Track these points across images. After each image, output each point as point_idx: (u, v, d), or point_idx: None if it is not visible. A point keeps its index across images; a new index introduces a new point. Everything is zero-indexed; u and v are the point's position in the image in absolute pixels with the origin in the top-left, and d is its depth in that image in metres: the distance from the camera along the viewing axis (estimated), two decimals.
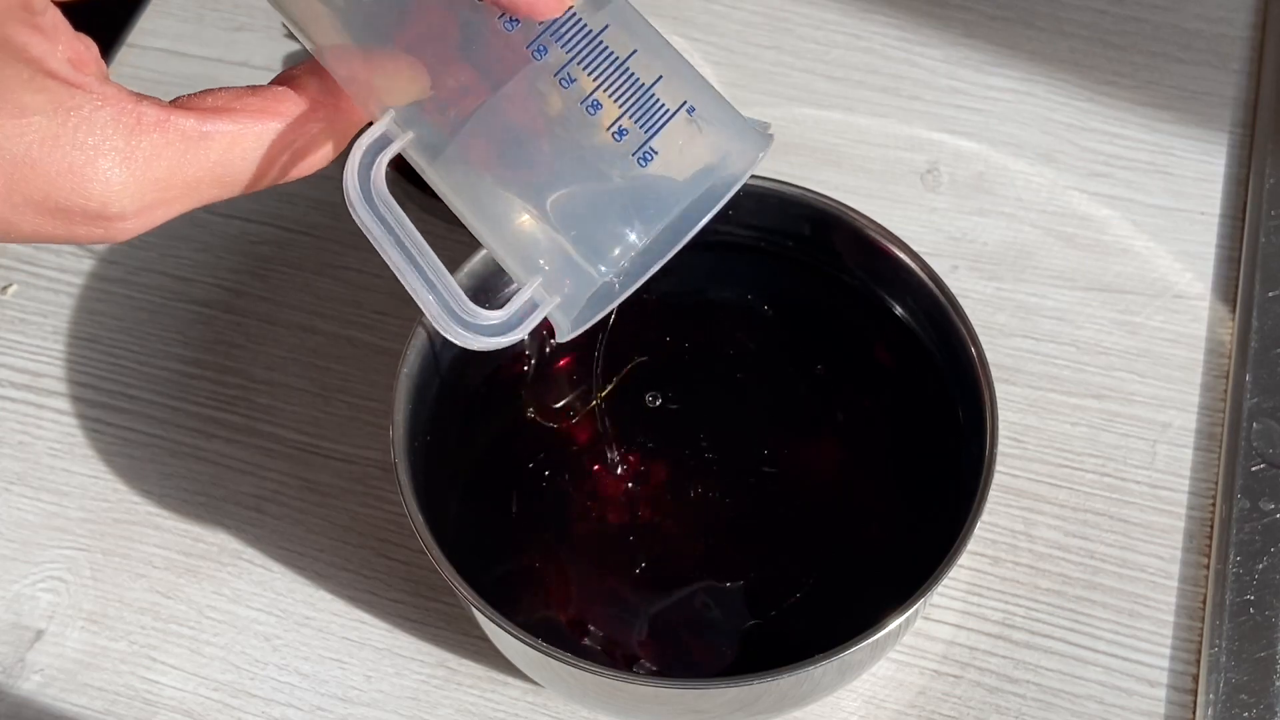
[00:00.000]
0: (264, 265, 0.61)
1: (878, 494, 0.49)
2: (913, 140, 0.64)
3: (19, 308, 0.61)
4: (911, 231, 0.53)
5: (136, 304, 0.61)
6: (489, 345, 0.33)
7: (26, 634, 0.53)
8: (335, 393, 0.58)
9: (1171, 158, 0.63)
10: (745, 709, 0.45)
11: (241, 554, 0.54)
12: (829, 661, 0.41)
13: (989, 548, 0.53)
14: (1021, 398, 0.57)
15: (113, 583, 0.54)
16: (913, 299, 0.50)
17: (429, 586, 0.53)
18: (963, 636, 0.52)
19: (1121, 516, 0.54)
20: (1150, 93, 0.65)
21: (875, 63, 0.67)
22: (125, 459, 0.57)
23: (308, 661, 0.52)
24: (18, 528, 0.55)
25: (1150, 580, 0.53)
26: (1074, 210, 0.62)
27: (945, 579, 0.43)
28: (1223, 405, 0.56)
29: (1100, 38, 0.67)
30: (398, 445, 0.46)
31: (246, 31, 0.69)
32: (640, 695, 0.43)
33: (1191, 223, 0.61)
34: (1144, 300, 0.59)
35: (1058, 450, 0.56)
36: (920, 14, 0.68)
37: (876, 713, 0.50)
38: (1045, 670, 0.51)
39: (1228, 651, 0.50)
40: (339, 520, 0.55)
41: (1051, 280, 0.60)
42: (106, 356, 0.59)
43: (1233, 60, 0.66)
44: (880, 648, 0.45)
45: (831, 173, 0.63)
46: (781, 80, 0.66)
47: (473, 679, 0.52)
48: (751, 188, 0.51)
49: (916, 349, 0.50)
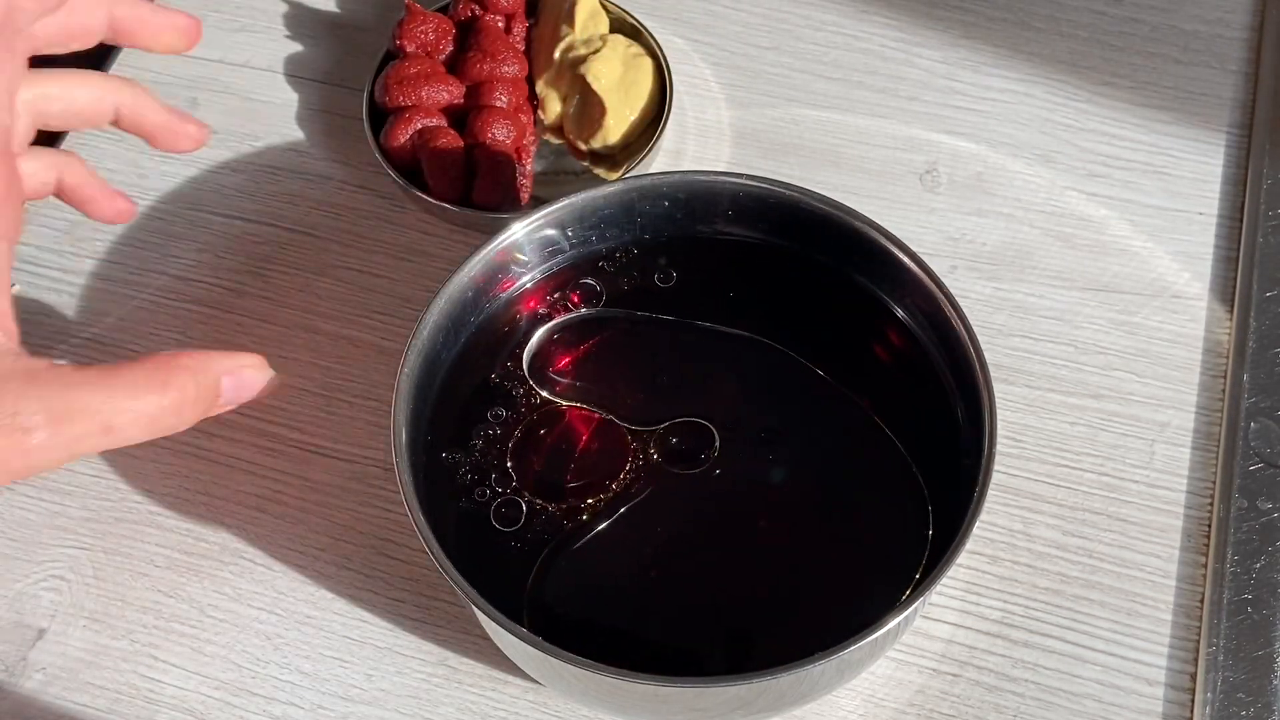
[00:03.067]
0: (264, 265, 0.61)
1: (877, 493, 0.49)
2: (911, 141, 0.64)
3: (21, 307, 0.61)
4: (910, 232, 0.54)
5: (138, 304, 0.61)
6: None
7: (29, 633, 0.53)
8: (336, 393, 0.58)
9: (1169, 158, 0.63)
10: (745, 707, 0.45)
11: (243, 553, 0.54)
12: (828, 660, 0.41)
13: (988, 547, 0.54)
14: (1020, 397, 0.57)
15: (115, 581, 0.54)
16: (912, 299, 0.50)
17: (429, 585, 0.53)
18: (961, 635, 0.52)
19: (1120, 516, 0.54)
20: (1148, 94, 0.65)
21: (874, 64, 0.67)
22: (127, 458, 0.57)
23: (309, 660, 0.52)
24: (20, 527, 0.55)
25: (1148, 579, 0.53)
26: (1072, 210, 0.62)
27: (944, 578, 0.43)
28: (1220, 405, 0.56)
29: (1098, 39, 0.67)
30: (398, 445, 0.46)
31: (248, 33, 0.69)
32: (640, 693, 0.43)
33: (1189, 223, 0.61)
34: (1142, 300, 0.59)
35: (1056, 450, 0.56)
36: (919, 15, 0.68)
37: (875, 711, 0.51)
38: (1043, 669, 0.51)
39: (1225, 650, 0.50)
40: (340, 520, 0.55)
41: (1050, 280, 0.60)
42: (108, 356, 0.59)
43: (1230, 61, 0.66)
44: (879, 646, 0.45)
45: (830, 173, 0.63)
46: (781, 80, 0.66)
47: (473, 678, 0.52)
48: (751, 188, 0.51)
49: (916, 349, 0.50)
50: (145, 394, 0.36)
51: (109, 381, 0.36)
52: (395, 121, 0.61)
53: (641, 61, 0.63)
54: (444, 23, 0.64)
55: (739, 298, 0.52)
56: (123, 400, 0.35)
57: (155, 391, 0.36)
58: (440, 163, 0.60)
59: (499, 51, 0.63)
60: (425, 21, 0.64)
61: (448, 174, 0.60)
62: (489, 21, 0.64)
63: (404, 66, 0.62)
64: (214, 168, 0.64)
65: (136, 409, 0.36)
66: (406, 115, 0.61)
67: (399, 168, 0.61)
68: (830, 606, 0.47)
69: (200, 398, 0.37)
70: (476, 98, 0.62)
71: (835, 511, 0.49)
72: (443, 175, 0.60)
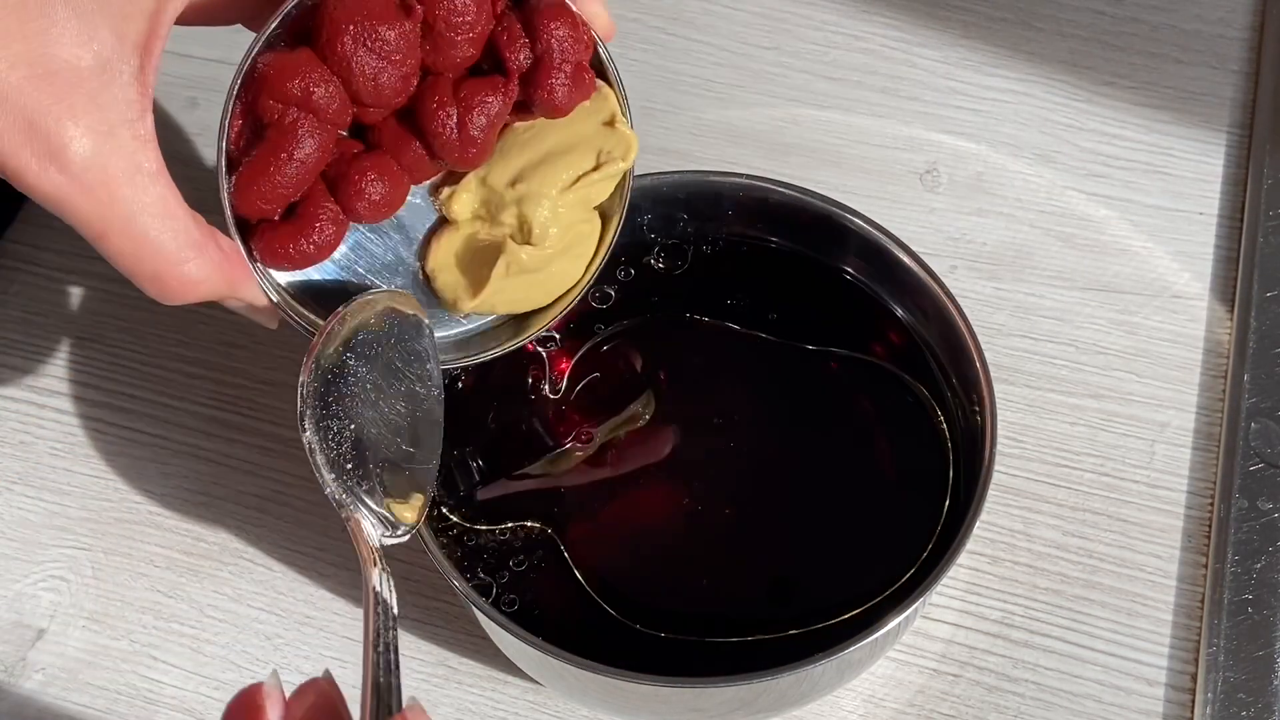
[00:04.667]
0: None
1: (877, 493, 0.49)
2: (912, 141, 0.64)
3: (20, 307, 0.61)
4: (911, 231, 0.53)
5: (138, 304, 0.61)
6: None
7: (28, 633, 0.53)
8: None
9: (1170, 158, 0.63)
10: (745, 708, 0.45)
11: (242, 553, 0.54)
12: (828, 660, 0.41)
13: (988, 547, 0.54)
14: (1020, 397, 0.57)
15: (114, 582, 0.54)
16: (912, 299, 0.50)
17: (429, 586, 0.53)
18: (961, 635, 0.52)
19: (1120, 516, 0.54)
20: (1149, 93, 0.65)
21: (874, 63, 0.67)
22: (126, 458, 0.57)
23: (309, 660, 0.52)
24: (19, 527, 0.55)
25: (1149, 579, 0.53)
26: (1072, 210, 0.62)
27: (944, 578, 0.43)
28: (1221, 405, 0.56)
29: (1099, 38, 0.67)
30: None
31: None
32: (640, 694, 0.43)
33: (1190, 223, 0.61)
34: (1142, 300, 0.59)
35: (1056, 450, 0.56)
36: (919, 15, 0.68)
37: (876, 711, 0.51)
38: (1044, 669, 0.51)
39: (1226, 650, 0.50)
40: (340, 519, 0.55)
41: (1050, 280, 0.60)
42: (108, 356, 0.59)
43: (1231, 61, 0.66)
44: (879, 647, 0.45)
45: (831, 173, 0.63)
46: (781, 80, 0.66)
47: (473, 678, 0.52)
48: (751, 188, 0.51)
49: (916, 349, 0.50)
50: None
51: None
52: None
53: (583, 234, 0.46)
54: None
55: (739, 297, 0.52)
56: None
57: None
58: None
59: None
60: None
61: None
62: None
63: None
64: (214, 168, 0.64)
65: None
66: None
67: None
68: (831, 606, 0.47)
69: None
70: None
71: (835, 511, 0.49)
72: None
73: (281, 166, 0.40)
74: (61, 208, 0.38)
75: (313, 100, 0.40)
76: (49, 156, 0.37)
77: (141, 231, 0.39)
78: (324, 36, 0.40)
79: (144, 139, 0.38)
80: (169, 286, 0.40)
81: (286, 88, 0.39)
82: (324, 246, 0.41)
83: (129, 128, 0.38)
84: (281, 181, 0.40)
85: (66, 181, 0.37)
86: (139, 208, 0.38)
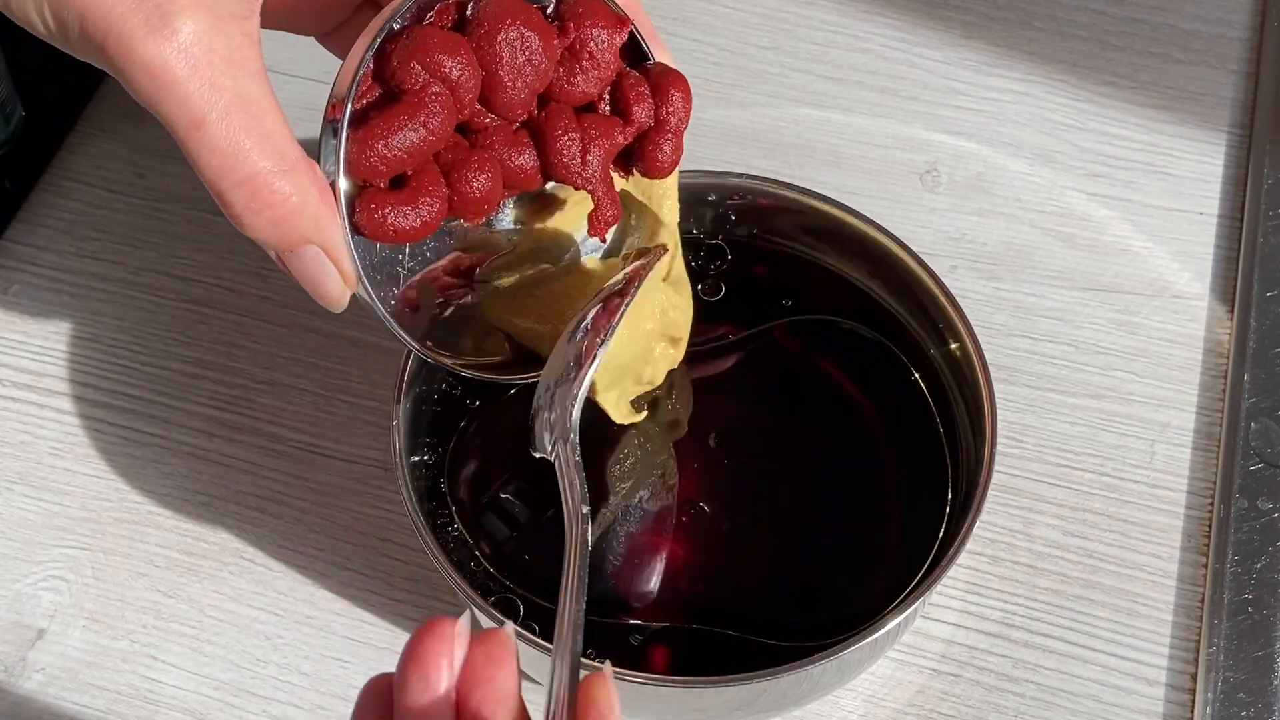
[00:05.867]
0: (264, 265, 0.61)
1: (877, 493, 0.49)
2: (912, 141, 0.64)
3: (20, 308, 0.61)
4: (910, 231, 0.53)
5: (138, 304, 0.61)
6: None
7: (28, 633, 0.53)
8: (336, 393, 0.58)
9: (1170, 158, 0.63)
10: (745, 707, 0.45)
11: (243, 553, 0.54)
12: (828, 660, 0.41)
13: (988, 547, 0.54)
14: (1020, 397, 0.57)
15: (114, 582, 0.54)
16: (912, 299, 0.50)
17: (429, 586, 0.53)
18: (961, 635, 0.52)
19: (1120, 516, 0.54)
20: (1149, 93, 0.65)
21: (874, 63, 0.67)
22: (127, 458, 0.57)
23: (309, 660, 0.52)
24: (19, 527, 0.55)
25: (1149, 579, 0.53)
26: (1073, 210, 0.62)
27: (944, 578, 0.43)
28: (1221, 405, 0.56)
29: (1099, 38, 0.67)
30: (398, 445, 0.46)
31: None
32: (639, 694, 0.43)
33: (1190, 223, 0.61)
34: (1142, 300, 0.59)
35: (1056, 450, 0.56)
36: (919, 15, 0.68)
37: (876, 711, 0.51)
38: (1044, 669, 0.51)
39: (1226, 650, 0.50)
40: (340, 520, 0.55)
41: (1050, 280, 0.60)
42: (108, 356, 0.60)
43: (1231, 61, 0.66)
44: (879, 647, 0.45)
45: (831, 173, 0.63)
46: (781, 81, 0.66)
47: None
48: (751, 189, 0.51)
49: (916, 349, 0.50)
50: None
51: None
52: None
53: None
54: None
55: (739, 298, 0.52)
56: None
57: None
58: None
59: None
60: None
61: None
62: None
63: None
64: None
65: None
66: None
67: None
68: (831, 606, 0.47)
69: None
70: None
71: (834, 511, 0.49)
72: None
73: (412, 131, 0.39)
74: (162, 83, 0.35)
75: (458, 81, 0.39)
76: (158, 26, 0.35)
77: (243, 125, 0.36)
78: (485, 28, 0.39)
79: (251, 37, 0.36)
80: (259, 197, 0.37)
81: (439, 60, 0.39)
82: (426, 224, 0.40)
83: (237, 24, 0.36)
84: (407, 145, 0.39)
85: (174, 53, 0.35)
86: (242, 101, 0.36)
